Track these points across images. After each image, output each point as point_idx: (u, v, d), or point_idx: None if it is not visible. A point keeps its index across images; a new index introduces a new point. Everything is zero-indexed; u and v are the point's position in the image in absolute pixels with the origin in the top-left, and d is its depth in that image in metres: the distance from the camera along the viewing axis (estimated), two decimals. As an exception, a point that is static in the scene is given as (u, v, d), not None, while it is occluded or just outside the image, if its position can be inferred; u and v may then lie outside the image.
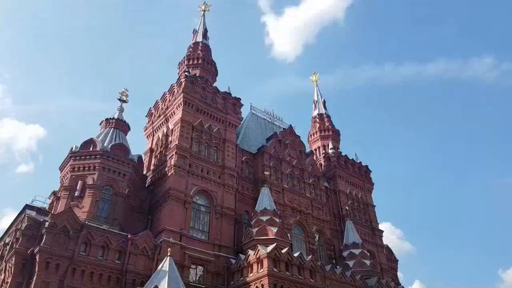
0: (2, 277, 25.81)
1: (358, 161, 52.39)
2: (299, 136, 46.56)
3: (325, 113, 59.30)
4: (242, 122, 43.86)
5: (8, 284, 24.16)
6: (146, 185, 37.15)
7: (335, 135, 56.51)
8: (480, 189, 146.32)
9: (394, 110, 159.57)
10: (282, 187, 40.03)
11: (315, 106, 61.15)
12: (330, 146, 52.93)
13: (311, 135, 57.60)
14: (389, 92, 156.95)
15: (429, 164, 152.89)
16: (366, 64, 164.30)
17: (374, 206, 50.01)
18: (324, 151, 53.27)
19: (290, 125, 47.07)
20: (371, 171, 52.92)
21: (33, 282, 23.60)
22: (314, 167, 45.31)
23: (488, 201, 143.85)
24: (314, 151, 54.43)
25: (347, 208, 45.56)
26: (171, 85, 41.18)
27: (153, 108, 43.91)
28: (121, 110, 38.93)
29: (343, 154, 51.64)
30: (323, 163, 50.82)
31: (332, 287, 32.43)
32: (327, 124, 57.34)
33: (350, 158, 51.78)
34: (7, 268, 25.60)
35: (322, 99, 61.42)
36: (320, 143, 55.35)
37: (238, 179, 37.82)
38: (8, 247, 27.52)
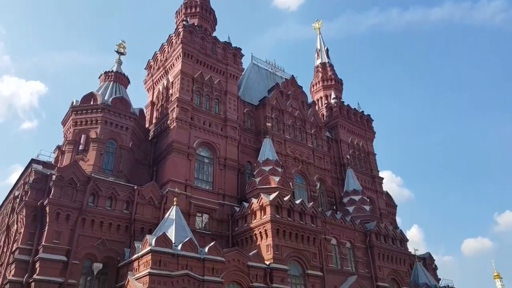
0: (15, 227, 26.82)
1: (360, 110, 52.29)
2: (301, 87, 46.14)
3: (328, 62, 58.32)
4: (243, 73, 43.29)
5: (22, 234, 25.15)
6: (149, 138, 37.51)
7: (338, 85, 55.94)
8: (480, 137, 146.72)
9: (398, 58, 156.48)
10: (284, 138, 40.28)
11: (317, 55, 60.00)
12: (333, 96, 52.58)
13: (313, 85, 57.04)
14: (393, 38, 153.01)
15: (431, 113, 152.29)
16: (371, 10, 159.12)
17: (375, 154, 50.63)
18: (326, 101, 53.00)
19: (292, 75, 46.48)
20: (373, 120, 53.00)
21: (45, 232, 24.57)
22: (316, 117, 45.30)
23: (487, 149, 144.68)
24: (316, 102, 54.24)
25: (348, 157, 46.18)
26: (169, 35, 40.29)
27: (152, 61, 43.26)
28: (120, 62, 38.47)
29: (345, 103, 51.44)
30: (325, 113, 50.80)
31: (333, 232, 33.62)
32: (329, 73, 56.56)
33: (352, 107, 51.66)
34: (19, 219, 26.53)
35: (325, 48, 60.13)
36: (323, 93, 54.94)
37: (240, 131, 38.01)
38: (18, 199, 28.37)
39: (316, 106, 51.77)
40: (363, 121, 51.69)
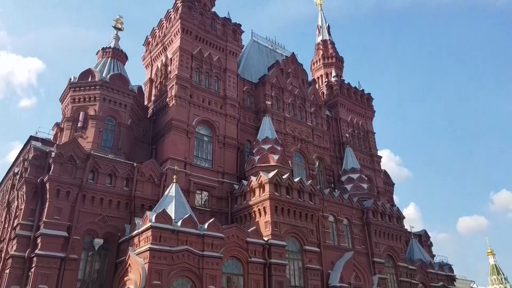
0: (16, 204, 27.05)
1: (361, 89, 52.04)
2: (302, 64, 45.68)
3: (329, 39, 57.61)
4: (243, 50, 42.78)
5: (22, 210, 25.39)
6: (148, 116, 37.41)
7: (339, 63, 55.45)
8: (478, 118, 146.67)
9: (400, 36, 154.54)
10: (283, 116, 40.20)
11: (319, 32, 59.21)
12: (333, 74, 52.19)
13: (314, 63, 56.54)
14: (397, 16, 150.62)
15: (432, 93, 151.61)
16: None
17: (374, 133, 50.73)
18: (327, 79, 52.65)
19: (293, 53, 45.97)
20: (373, 99, 52.84)
21: (46, 208, 24.80)
22: (316, 96, 45.09)
23: (485, 129, 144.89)
24: (316, 80, 53.92)
25: (348, 135, 46.27)
26: (168, 10, 39.58)
27: (150, 36, 42.65)
28: (117, 38, 37.98)
29: (345, 82, 51.13)
30: (325, 92, 50.56)
31: (330, 209, 34.03)
32: (330, 51, 55.97)
33: (353, 86, 51.38)
34: (19, 196, 26.73)
35: (327, 25, 59.28)
36: (323, 71, 54.52)
37: (239, 109, 37.87)
38: (17, 176, 28.50)
39: (316, 84, 51.47)
40: (363, 99, 51.54)
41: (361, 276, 31.94)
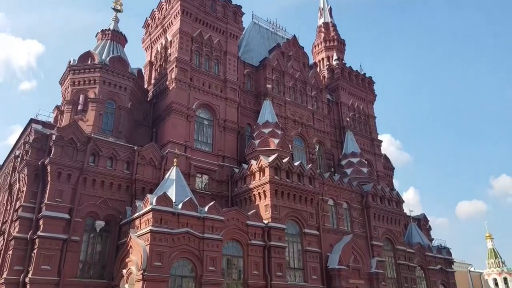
0: (17, 186, 27.22)
1: (362, 73, 51.66)
2: (303, 47, 45.24)
3: (331, 21, 56.93)
4: (243, 32, 42.35)
5: (24, 192, 25.57)
6: (148, 99, 37.29)
7: (340, 46, 54.91)
8: (478, 101, 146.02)
9: (403, 20, 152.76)
10: (284, 100, 40.03)
11: (320, 14, 58.50)
12: (335, 57, 51.76)
13: (315, 46, 56.00)
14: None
15: (432, 77, 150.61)
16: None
17: (375, 117, 50.58)
18: (328, 63, 52.25)
19: (294, 35, 45.50)
20: (374, 83, 52.50)
21: (47, 190, 24.97)
22: (317, 79, 44.81)
23: (485, 112, 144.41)
24: (318, 63, 53.49)
25: (348, 119, 46.16)
26: (167, -8, 39.03)
27: (149, 18, 42.17)
28: (117, 20, 37.55)
29: (347, 65, 50.73)
30: (326, 75, 50.22)
31: (330, 193, 34.21)
32: (332, 34, 55.37)
33: (354, 69, 50.99)
34: (21, 178, 26.87)
35: (328, 7, 58.51)
36: (325, 54, 54.06)
37: (240, 92, 37.70)
38: (18, 159, 28.60)
39: (318, 68, 51.06)
40: (365, 83, 51.20)
41: (360, 259, 32.33)
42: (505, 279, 66.56)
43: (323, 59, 53.96)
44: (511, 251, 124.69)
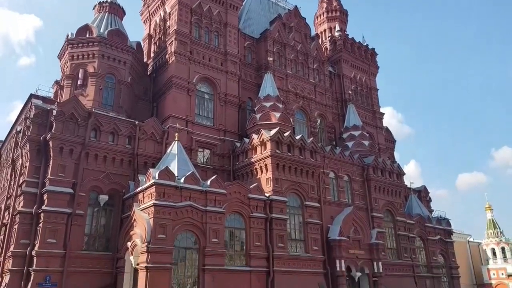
0: (20, 161, 27.40)
1: (365, 44, 50.83)
2: (305, 18, 44.27)
3: (334, -10, 55.48)
4: (243, 3, 41.37)
5: (27, 168, 25.77)
6: (148, 73, 36.96)
7: (343, 16, 53.78)
8: (482, 72, 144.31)
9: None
10: (285, 73, 39.60)
11: (322, -16, 56.89)
12: (337, 28, 50.76)
13: (317, 17, 54.85)
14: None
15: (434, 48, 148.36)
16: None
17: (377, 89, 50.12)
18: (330, 34, 51.31)
19: (296, 6, 44.45)
20: (377, 54, 51.74)
21: (50, 165, 25.15)
22: (319, 51, 44.17)
23: (488, 84, 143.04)
24: (319, 34, 52.49)
25: (350, 92, 45.78)
26: (165, -38, 37.95)
27: (148, -10, 41.20)
28: (114, -8, 36.69)
29: (349, 37, 49.85)
30: (328, 47, 49.44)
31: (331, 166, 34.36)
32: (335, 4, 54.11)
33: (357, 41, 50.14)
34: (23, 154, 27.01)
35: (331, -25, 56.82)
36: (327, 25, 53.00)
37: (241, 65, 37.26)
38: (20, 135, 28.67)
39: (320, 40, 50.15)
40: (367, 55, 50.44)
41: (360, 230, 32.81)
42: (502, 249, 67.65)
43: (325, 30, 52.98)
44: (510, 222, 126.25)
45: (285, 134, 30.48)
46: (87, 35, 32.56)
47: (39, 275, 22.78)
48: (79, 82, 31.43)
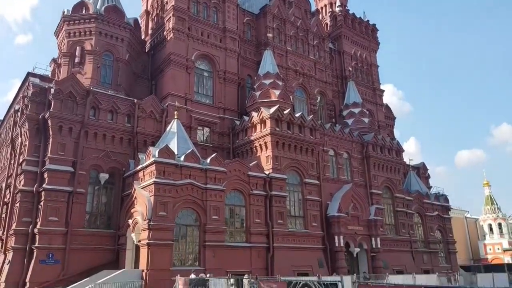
0: (20, 140, 27.38)
1: (366, 20, 50.01)
2: (305, -7, 43.43)
3: (333, -36, 54.07)
4: (242, -22, 40.48)
5: (27, 146, 25.77)
6: (146, 51, 36.50)
7: (343, -10, 52.60)
8: (482, 49, 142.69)
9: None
10: (285, 50, 39.12)
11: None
12: (337, 3, 49.78)
13: (317, -9, 53.71)
14: None
15: (438, 26, 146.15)
16: None
17: (378, 66, 49.63)
18: (331, 10, 50.39)
19: (295, -20, 43.48)
20: (378, 30, 50.99)
21: (50, 144, 25.15)
22: (320, 27, 43.50)
23: (488, 61, 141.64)
24: (320, 10, 51.65)
25: (350, 69, 45.34)
26: None
27: (144, -36, 40.20)
28: (110, -33, 35.79)
29: (350, 12, 49.00)
30: (328, 23, 48.66)
31: (331, 143, 34.43)
32: (335, -23, 52.80)
33: (358, 16, 49.32)
34: (22, 132, 26.98)
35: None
36: (327, 0, 51.96)
37: (240, 42, 36.75)
38: (19, 113, 28.56)
39: (320, 15, 49.41)
40: (368, 31, 49.69)
41: (359, 206, 33.14)
42: (499, 224, 68.62)
43: (325, 5, 51.97)
44: (507, 198, 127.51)
45: (285, 112, 30.38)
46: (84, 12, 32.00)
47: (42, 252, 23.17)
48: (76, 60, 31.11)
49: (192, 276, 18.90)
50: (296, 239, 28.88)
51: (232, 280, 17.49)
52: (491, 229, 69.13)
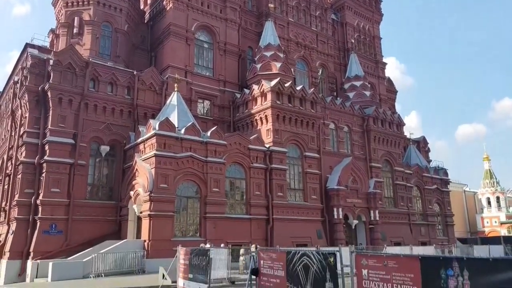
0: (20, 112, 27.31)
1: (369, -11, 48.78)
2: (307, -39, 42.20)
3: None
4: None
5: (27, 118, 25.73)
6: (145, 21, 35.86)
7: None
8: (486, 23, 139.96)
9: None
10: (287, 21, 38.40)
11: None
12: (340, -27, 48.46)
13: (319, -39, 52.16)
14: None
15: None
16: None
17: (381, 38, 48.81)
18: (333, -21, 49.07)
19: None
20: (381, 1, 49.87)
21: (50, 116, 25.10)
22: (322, -3, 42.51)
23: (492, 35, 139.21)
24: (322, -20, 50.29)
25: (353, 41, 44.61)
26: None
27: None
28: None
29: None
30: (331, -7, 47.48)
31: (331, 116, 34.33)
32: None
33: (361, -14, 48.08)
34: (22, 104, 26.86)
35: None
36: (330, -30, 50.55)
37: (240, 13, 36.03)
38: (18, 85, 28.36)
39: (322, -15, 48.18)
40: (371, 2, 48.53)
41: (358, 180, 33.40)
42: (497, 198, 69.29)
43: (328, -25, 50.60)
44: (506, 172, 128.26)
45: (286, 85, 30.14)
46: (80, -20, 31.19)
47: (45, 223, 23.52)
48: (75, 31, 30.61)
49: (203, 245, 19.07)
50: (296, 211, 29.26)
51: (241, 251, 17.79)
52: (489, 203, 69.87)
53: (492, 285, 4.47)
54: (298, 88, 31.10)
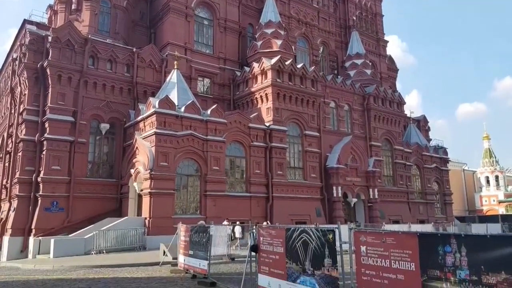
0: (19, 89, 27.16)
1: (372, -35, 47.68)
2: None
3: None
4: None
5: (26, 96, 25.60)
6: (144, -3, 35.18)
7: None
8: (488, 4, 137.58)
9: None
10: (288, -3, 37.68)
11: None
12: None
13: None
14: None
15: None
16: None
17: (382, 15, 48.04)
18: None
19: None
20: (385, -23, 48.82)
21: (50, 93, 24.96)
22: (324, -27, 41.61)
23: (494, 14, 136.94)
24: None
25: (355, 18, 43.91)
26: None
27: None
28: None
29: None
30: (333, -31, 46.42)
31: (332, 95, 34.14)
32: None
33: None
34: (21, 82, 26.67)
35: None
36: None
37: (241, -12, 35.35)
38: (17, 62, 28.08)
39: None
40: (374, -22, 47.58)
41: (358, 158, 33.50)
42: (496, 177, 69.68)
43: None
44: (506, 151, 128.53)
45: (286, 63, 29.86)
46: (77, -46, 30.45)
47: (46, 200, 23.72)
48: (73, 7, 30.10)
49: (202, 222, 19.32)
50: (295, 189, 29.46)
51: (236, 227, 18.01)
52: (488, 182, 70.29)
53: (490, 261, 4.53)
54: (299, 66, 30.83)
